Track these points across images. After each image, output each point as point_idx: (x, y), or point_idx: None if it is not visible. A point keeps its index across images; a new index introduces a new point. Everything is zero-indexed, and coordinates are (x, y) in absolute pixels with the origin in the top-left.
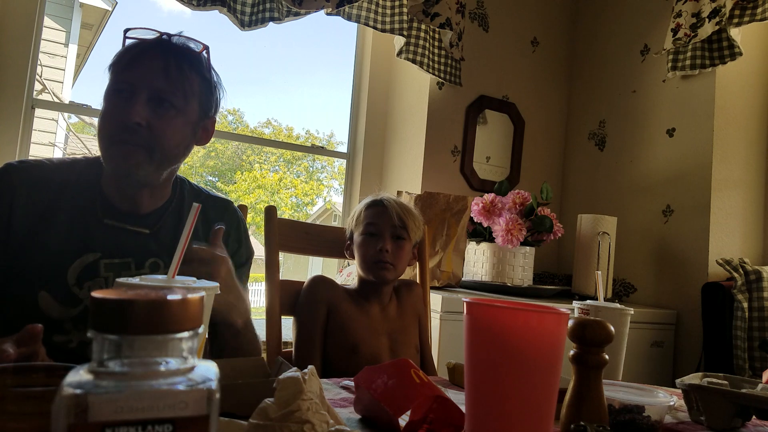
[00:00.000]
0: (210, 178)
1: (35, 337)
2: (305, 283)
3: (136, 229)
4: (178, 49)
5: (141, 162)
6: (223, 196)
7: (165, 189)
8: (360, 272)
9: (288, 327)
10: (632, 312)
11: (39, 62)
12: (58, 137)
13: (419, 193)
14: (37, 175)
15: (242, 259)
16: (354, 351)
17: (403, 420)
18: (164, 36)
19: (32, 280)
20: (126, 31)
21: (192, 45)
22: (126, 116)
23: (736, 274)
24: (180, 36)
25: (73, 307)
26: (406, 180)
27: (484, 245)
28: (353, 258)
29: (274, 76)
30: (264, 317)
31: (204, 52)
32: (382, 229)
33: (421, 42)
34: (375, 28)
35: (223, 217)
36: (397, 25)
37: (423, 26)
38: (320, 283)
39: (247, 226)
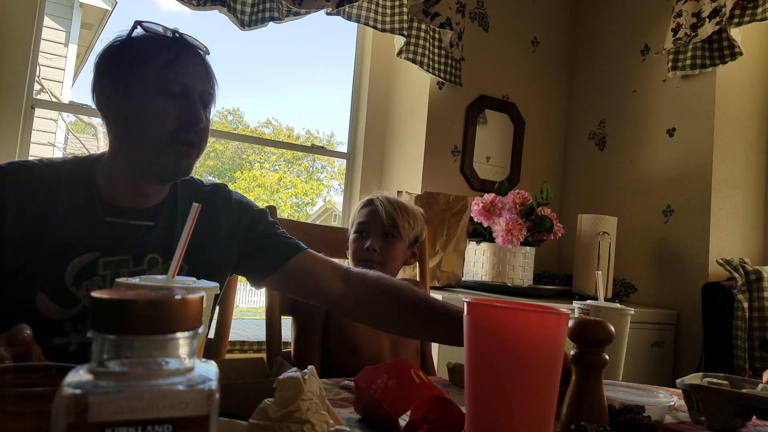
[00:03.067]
0: (210, 177)
1: (25, 339)
2: None
3: (139, 223)
4: (201, 53)
5: (193, 161)
6: (214, 182)
7: None
8: None
9: (288, 327)
10: (632, 312)
11: (38, 62)
12: (58, 137)
13: (419, 193)
14: (29, 176)
15: (257, 220)
16: (354, 352)
17: (403, 420)
18: (176, 34)
19: (29, 282)
20: (138, 23)
21: (201, 46)
22: (194, 118)
23: (736, 274)
24: (190, 36)
25: (72, 307)
26: (406, 180)
27: (484, 245)
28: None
29: (274, 76)
30: (264, 317)
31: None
32: (371, 228)
33: (421, 42)
34: (375, 27)
35: (219, 202)
36: (397, 25)
37: (423, 26)
38: None
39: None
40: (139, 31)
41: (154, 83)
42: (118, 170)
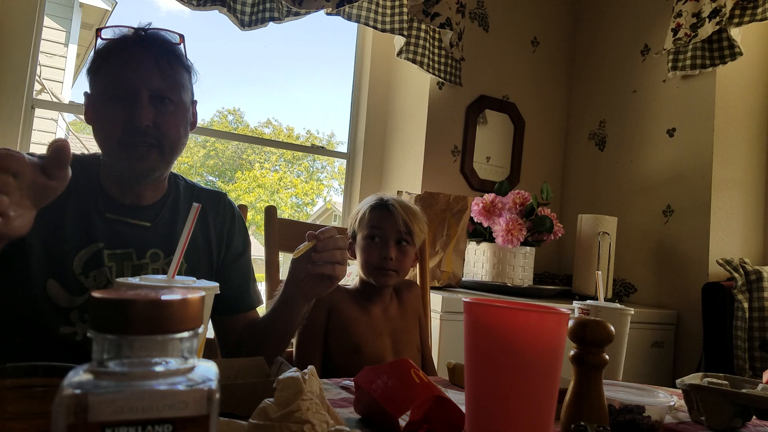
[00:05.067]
0: (210, 177)
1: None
2: None
3: (137, 223)
4: (163, 45)
5: (155, 163)
6: (216, 189)
7: (164, 181)
8: (361, 275)
9: None
10: (632, 312)
11: (38, 62)
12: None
13: (419, 193)
14: None
15: (239, 249)
16: (356, 352)
17: (403, 420)
18: (141, 32)
19: (40, 270)
20: (99, 30)
21: (169, 37)
22: (136, 119)
23: (736, 274)
24: (154, 29)
25: (80, 295)
26: (406, 180)
27: (484, 245)
28: (354, 258)
29: (274, 76)
30: None
31: (181, 43)
32: (387, 234)
33: (421, 42)
34: (375, 28)
35: (217, 210)
36: (397, 25)
37: (423, 26)
38: None
39: (247, 225)
40: (108, 35)
41: (104, 91)
42: (107, 171)
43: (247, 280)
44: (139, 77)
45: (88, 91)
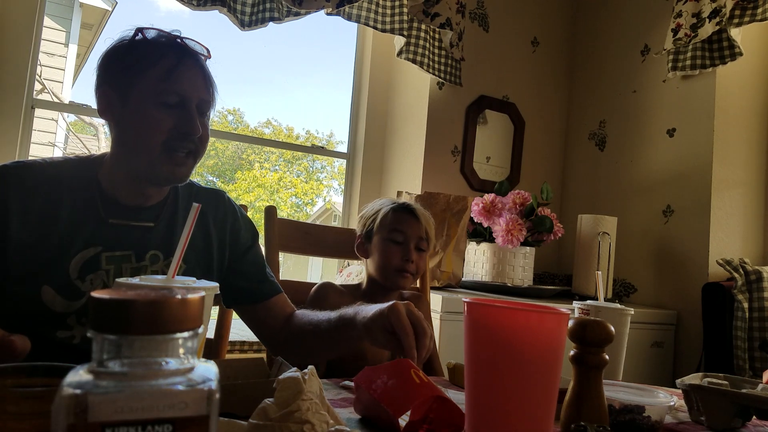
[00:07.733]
0: (210, 177)
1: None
2: (312, 290)
3: (140, 224)
4: (202, 58)
5: (190, 169)
6: (215, 188)
7: None
8: (374, 275)
9: None
10: (632, 312)
11: (39, 62)
12: (58, 137)
13: (419, 193)
14: (33, 175)
15: (248, 242)
16: (360, 357)
17: (403, 420)
18: (181, 39)
19: (35, 275)
20: (139, 30)
21: (204, 51)
22: (190, 129)
23: (736, 275)
24: (191, 39)
25: (76, 300)
26: (406, 180)
27: (484, 245)
28: (365, 257)
29: (274, 76)
30: None
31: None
32: (410, 238)
33: (421, 42)
34: (375, 28)
35: (217, 210)
36: (397, 25)
37: (423, 26)
38: (329, 289)
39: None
40: (140, 36)
41: (151, 93)
42: (118, 172)
43: (263, 267)
44: (192, 87)
45: (111, 86)
